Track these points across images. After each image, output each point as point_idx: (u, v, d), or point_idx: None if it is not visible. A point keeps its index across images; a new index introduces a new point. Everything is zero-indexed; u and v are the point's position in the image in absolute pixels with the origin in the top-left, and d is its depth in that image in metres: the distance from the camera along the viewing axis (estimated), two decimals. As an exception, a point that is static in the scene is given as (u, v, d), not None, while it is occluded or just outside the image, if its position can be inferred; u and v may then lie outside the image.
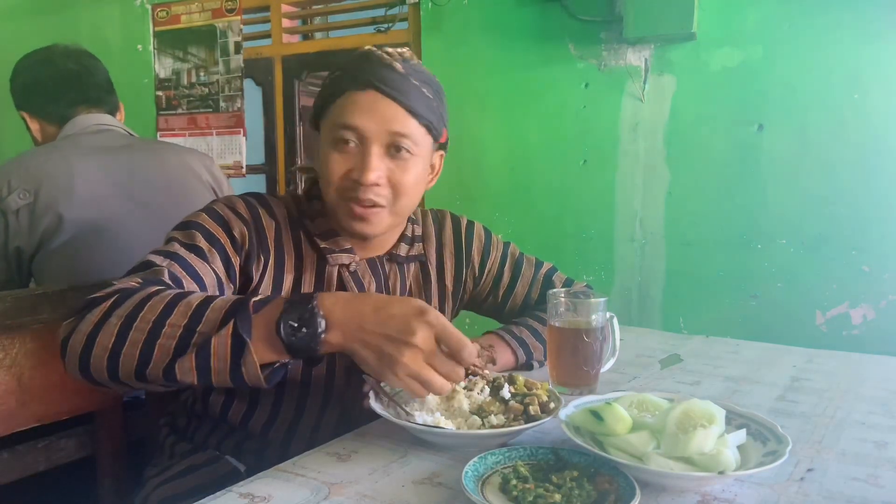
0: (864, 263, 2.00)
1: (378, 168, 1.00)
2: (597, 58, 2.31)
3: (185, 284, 0.92)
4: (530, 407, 0.86)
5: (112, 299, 0.83)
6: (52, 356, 1.13)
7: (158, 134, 3.28)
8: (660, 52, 2.21)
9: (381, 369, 0.79)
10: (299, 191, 1.17)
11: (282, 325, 0.77)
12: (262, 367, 0.78)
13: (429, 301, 1.19)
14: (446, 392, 0.81)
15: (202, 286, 0.94)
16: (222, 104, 3.11)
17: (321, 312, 0.79)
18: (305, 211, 1.10)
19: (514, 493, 0.67)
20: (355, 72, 1.01)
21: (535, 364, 1.17)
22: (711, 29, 2.13)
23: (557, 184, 2.40)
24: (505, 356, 1.13)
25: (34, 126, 1.66)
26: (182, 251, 0.95)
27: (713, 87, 2.15)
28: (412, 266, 1.18)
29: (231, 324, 0.77)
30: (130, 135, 1.66)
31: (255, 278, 1.02)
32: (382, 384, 0.92)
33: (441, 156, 1.14)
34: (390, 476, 0.76)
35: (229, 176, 3.10)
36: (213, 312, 0.79)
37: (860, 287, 2.00)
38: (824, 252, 2.04)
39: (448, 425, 0.83)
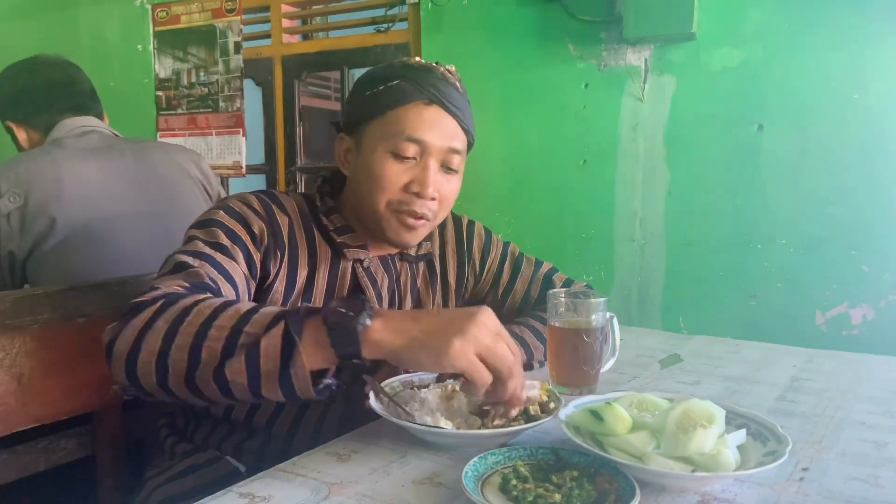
0: (864, 263, 2.00)
1: (437, 182, 1.04)
2: (597, 58, 2.31)
3: (220, 286, 0.90)
4: (530, 407, 0.86)
5: (158, 304, 0.81)
6: (52, 356, 1.13)
7: (158, 134, 3.27)
8: (660, 52, 2.21)
9: (438, 356, 0.74)
10: (300, 191, 1.18)
11: (327, 312, 0.75)
12: (312, 376, 0.75)
13: (434, 298, 1.21)
14: (513, 388, 0.78)
15: (234, 286, 0.93)
16: (222, 104, 3.11)
17: (370, 307, 0.76)
18: (318, 207, 1.10)
19: (514, 493, 0.67)
20: (421, 84, 1.04)
21: (535, 364, 1.18)
22: (711, 29, 2.13)
23: (557, 184, 2.40)
24: None
25: (21, 135, 1.67)
26: (209, 250, 0.94)
27: (713, 87, 2.15)
28: (421, 265, 1.20)
29: (282, 324, 0.75)
30: (116, 136, 1.67)
31: (272, 274, 1.02)
32: (382, 384, 0.92)
33: None
34: (390, 476, 0.76)
35: (229, 176, 3.11)
36: (261, 316, 0.77)
37: (860, 287, 2.00)
38: (824, 252, 2.04)
39: (448, 425, 0.83)
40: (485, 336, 0.75)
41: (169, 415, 1.18)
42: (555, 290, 1.10)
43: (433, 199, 1.04)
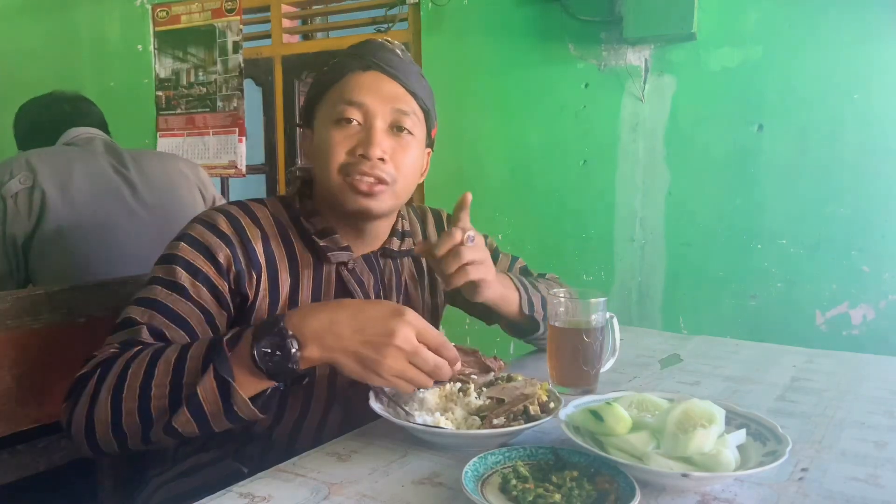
0: (863, 263, 2.00)
1: (383, 143, 1.01)
2: (597, 58, 2.31)
3: (167, 334, 0.92)
4: (530, 407, 0.86)
5: (96, 375, 0.86)
6: (52, 356, 1.13)
7: (158, 134, 3.28)
8: (660, 52, 2.21)
9: (366, 373, 0.82)
10: (276, 194, 1.17)
11: (256, 355, 0.79)
12: (254, 398, 0.82)
13: (422, 294, 1.21)
14: (430, 385, 0.84)
15: (186, 328, 0.94)
16: (220, 104, 3.11)
17: (290, 332, 0.81)
18: (299, 211, 1.08)
19: (514, 493, 0.67)
20: (357, 55, 1.04)
21: (538, 319, 1.15)
22: (711, 29, 2.13)
23: (557, 184, 2.40)
24: (511, 294, 1.12)
25: None
26: (162, 296, 0.94)
27: (713, 87, 2.15)
28: (406, 260, 1.19)
29: (211, 368, 0.80)
30: (115, 144, 1.76)
31: (251, 295, 1.00)
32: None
33: (429, 153, 1.15)
34: (390, 476, 0.76)
35: (228, 176, 3.11)
36: (191, 361, 0.82)
37: (860, 287, 2.00)
38: (824, 252, 2.04)
39: (448, 425, 0.83)
40: (409, 346, 0.81)
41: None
42: (555, 290, 1.10)
43: (382, 159, 1.01)
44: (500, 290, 1.07)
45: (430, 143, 1.13)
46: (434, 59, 2.53)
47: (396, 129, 1.03)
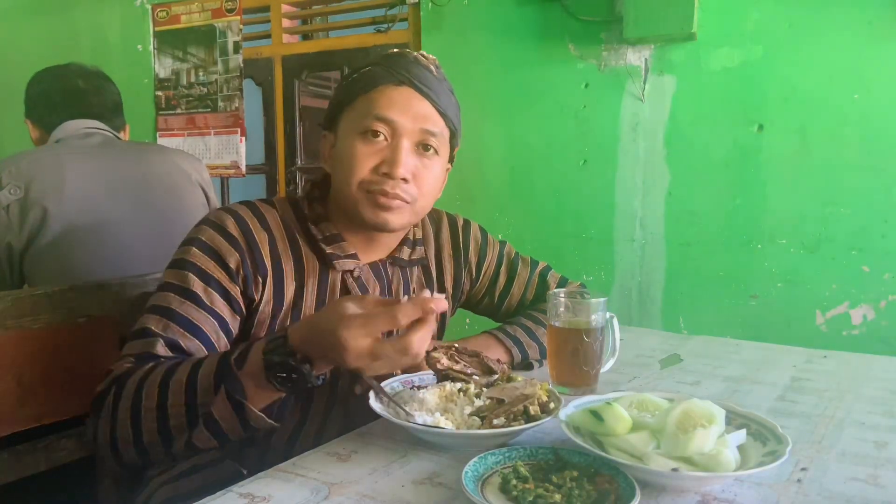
0: (864, 264, 2.00)
1: (408, 163, 1.00)
2: (597, 58, 2.31)
3: (182, 344, 0.94)
4: (530, 407, 0.86)
5: (112, 393, 0.88)
6: (52, 356, 1.13)
7: (158, 134, 3.28)
8: (660, 52, 2.21)
9: (366, 368, 0.82)
10: (299, 191, 1.17)
11: (275, 382, 0.82)
12: (267, 406, 0.85)
13: None
14: (405, 364, 0.82)
15: (201, 336, 0.95)
16: (220, 104, 3.11)
17: (299, 356, 0.82)
18: (307, 215, 1.06)
19: (514, 493, 0.67)
20: (391, 67, 1.01)
21: (535, 364, 1.17)
22: (711, 29, 2.13)
23: (557, 184, 2.40)
24: (500, 356, 1.13)
25: (34, 135, 1.72)
26: (176, 304, 0.95)
27: (713, 87, 2.15)
28: (415, 270, 1.17)
29: (222, 390, 0.83)
30: (118, 138, 1.70)
31: (257, 298, 1.00)
32: (382, 384, 0.92)
33: (448, 169, 1.13)
34: (390, 476, 0.76)
35: (228, 176, 3.11)
36: (203, 380, 0.85)
37: (860, 287, 2.00)
38: (824, 252, 2.04)
39: (448, 425, 0.83)
40: (366, 354, 0.79)
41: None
42: (555, 290, 1.10)
43: (405, 179, 0.99)
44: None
45: (450, 159, 1.12)
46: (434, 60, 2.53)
47: (423, 147, 1.02)
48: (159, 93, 3.27)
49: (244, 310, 1.00)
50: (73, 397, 1.15)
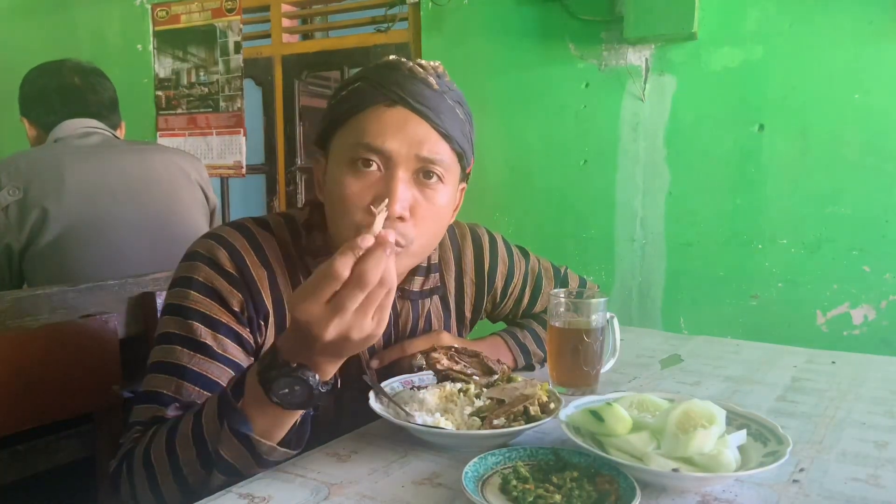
0: (864, 264, 2.00)
1: (405, 198, 0.87)
2: (597, 58, 2.31)
3: (199, 403, 0.85)
4: (531, 407, 0.86)
5: (123, 469, 0.83)
6: (52, 356, 1.13)
7: (158, 134, 3.28)
8: (660, 52, 2.21)
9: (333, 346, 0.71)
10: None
11: (280, 401, 0.72)
12: (289, 432, 0.77)
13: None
14: (380, 303, 0.69)
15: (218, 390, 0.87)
16: (222, 104, 3.11)
17: (294, 364, 0.72)
18: (305, 247, 0.96)
19: (515, 493, 0.67)
20: (382, 84, 0.88)
21: (536, 365, 1.17)
22: (711, 29, 2.12)
23: (557, 184, 2.39)
24: (505, 360, 1.11)
25: (31, 133, 1.71)
26: (185, 359, 0.86)
27: (713, 87, 2.15)
28: (427, 301, 1.07)
29: (225, 426, 0.74)
30: (116, 137, 1.70)
31: (261, 341, 0.93)
32: (382, 384, 0.92)
33: (463, 189, 1.01)
34: (390, 476, 0.76)
35: (229, 176, 3.11)
36: (208, 425, 0.77)
37: (861, 287, 2.00)
38: (825, 252, 2.04)
39: (448, 425, 0.83)
40: (337, 334, 0.69)
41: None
42: (555, 290, 1.10)
43: (401, 218, 0.87)
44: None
45: (464, 178, 1.00)
46: (434, 60, 2.52)
47: (423, 175, 0.89)
48: (159, 92, 3.27)
49: (256, 351, 0.92)
50: (73, 397, 1.15)
